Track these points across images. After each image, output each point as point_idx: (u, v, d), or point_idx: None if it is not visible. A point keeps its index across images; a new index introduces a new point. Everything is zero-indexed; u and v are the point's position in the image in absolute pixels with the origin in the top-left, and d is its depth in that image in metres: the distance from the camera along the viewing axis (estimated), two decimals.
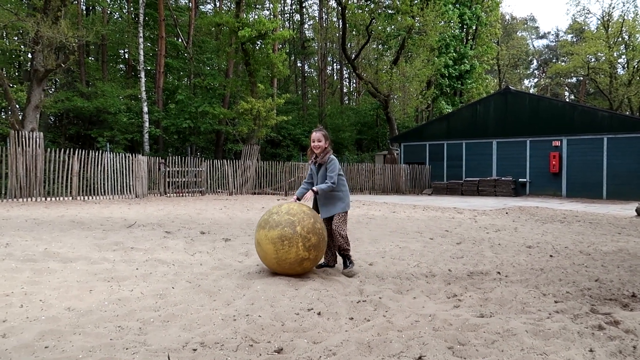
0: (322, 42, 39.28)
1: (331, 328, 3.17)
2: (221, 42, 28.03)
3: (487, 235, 7.85)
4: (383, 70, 28.38)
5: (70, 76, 27.61)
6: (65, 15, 16.55)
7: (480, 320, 3.26)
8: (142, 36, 24.49)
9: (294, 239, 4.28)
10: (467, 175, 22.43)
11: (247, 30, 21.27)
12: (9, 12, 16.38)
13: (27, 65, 26.53)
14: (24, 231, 7.10)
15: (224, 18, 23.16)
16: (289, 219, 4.35)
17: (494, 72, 46.86)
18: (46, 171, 14.85)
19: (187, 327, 3.13)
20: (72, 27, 16.64)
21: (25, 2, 24.34)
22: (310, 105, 39.72)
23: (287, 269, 4.43)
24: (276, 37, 23.44)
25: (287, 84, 39.44)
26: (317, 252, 4.46)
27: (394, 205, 14.17)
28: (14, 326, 3.01)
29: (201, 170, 18.75)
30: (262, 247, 4.43)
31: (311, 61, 44.65)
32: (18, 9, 18.70)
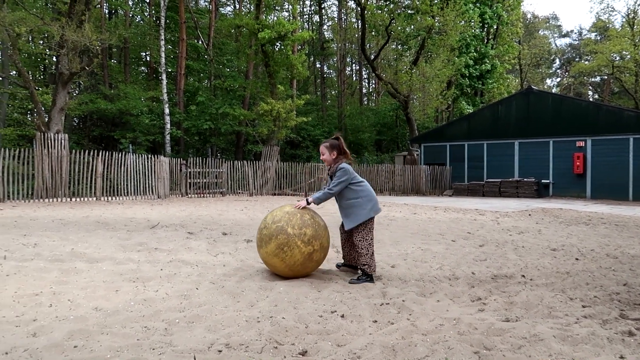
0: (341, 42, 39.26)
1: (355, 331, 3.17)
2: (241, 44, 28.23)
3: (510, 237, 7.74)
4: (403, 71, 28.24)
5: (94, 79, 28.13)
6: (89, 19, 16.86)
7: (506, 324, 3.22)
8: (164, 39, 24.82)
9: (290, 241, 4.26)
10: (488, 176, 22.16)
11: (267, 31, 21.38)
12: (35, 16, 16.76)
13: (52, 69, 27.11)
14: (51, 231, 7.25)
15: (244, 20, 23.33)
16: (277, 227, 4.32)
17: (516, 72, 46.20)
18: (71, 172, 15.16)
19: (211, 328, 3.15)
20: (95, 31, 16.96)
21: (50, 7, 24.89)
22: (329, 106, 39.73)
23: (302, 269, 4.43)
24: (295, 39, 23.51)
25: (307, 85, 39.52)
26: (320, 240, 4.41)
27: (415, 207, 14.07)
28: (43, 325, 3.08)
29: (222, 171, 18.90)
30: (269, 264, 4.48)
31: (330, 62, 44.65)
32: (44, 13, 19.13)
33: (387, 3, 29.42)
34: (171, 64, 29.09)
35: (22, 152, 14.29)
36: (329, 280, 4.52)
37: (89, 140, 26.80)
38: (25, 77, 17.04)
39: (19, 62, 16.87)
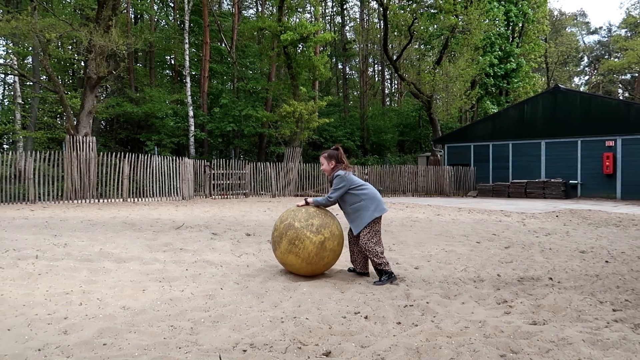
0: (363, 43, 39.16)
1: (379, 332, 3.16)
2: (264, 46, 28.44)
3: (536, 239, 7.60)
4: (425, 71, 28.00)
5: (120, 82, 28.72)
6: (115, 24, 17.22)
7: (533, 327, 3.16)
8: (188, 42, 25.19)
9: (299, 234, 4.34)
10: (514, 177, 21.80)
11: (289, 33, 21.49)
12: (64, 22, 17.20)
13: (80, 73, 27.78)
14: (80, 232, 7.42)
15: (267, 22, 23.50)
16: (285, 225, 4.44)
17: (542, 70, 45.33)
18: (99, 174, 15.50)
19: (236, 327, 3.19)
20: (122, 35, 17.31)
21: (78, 13, 25.53)
22: (351, 107, 39.67)
23: (319, 261, 4.44)
24: (318, 40, 23.57)
25: (329, 86, 39.55)
26: (329, 227, 4.46)
27: (438, 208, 13.94)
28: (74, 323, 3.16)
29: (244, 172, 19.06)
30: (287, 263, 4.53)
31: (352, 63, 44.58)
32: (72, 19, 19.62)
33: (409, 3, 29.22)
34: (195, 67, 29.49)
35: (52, 155, 14.68)
36: (352, 281, 4.52)
37: (115, 143, 27.36)
38: (55, 82, 17.51)
39: (49, 67, 17.33)
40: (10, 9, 20.74)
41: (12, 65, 20.95)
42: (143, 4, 31.19)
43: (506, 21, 30.81)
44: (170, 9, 34.23)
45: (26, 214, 10.57)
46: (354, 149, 32.76)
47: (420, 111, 34.64)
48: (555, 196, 19.64)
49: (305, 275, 4.63)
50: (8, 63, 21.99)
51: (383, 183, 21.65)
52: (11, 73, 21.71)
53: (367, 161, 29.24)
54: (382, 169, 21.87)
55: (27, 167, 14.17)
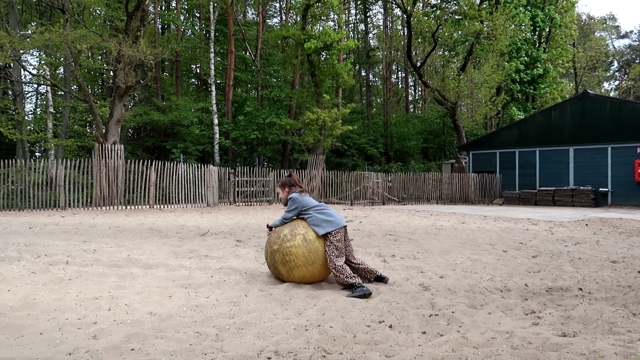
0: (386, 50, 39.13)
1: (403, 342, 3.13)
2: (287, 55, 28.69)
3: (565, 248, 7.43)
4: (450, 77, 27.78)
5: (148, 91, 29.33)
6: (143, 35, 17.63)
7: (563, 339, 3.09)
8: (213, 51, 25.59)
9: (283, 250, 4.57)
10: (541, 184, 21.37)
11: (313, 42, 21.63)
12: (94, 34, 17.70)
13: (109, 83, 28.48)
14: (109, 238, 7.58)
15: (291, 31, 23.72)
16: (270, 256, 4.72)
17: (570, 76, 44.47)
18: (126, 181, 15.83)
19: (261, 335, 3.20)
20: (149, 46, 17.71)
21: (108, 24, 26.22)
22: (375, 114, 39.61)
23: (318, 255, 4.53)
24: (341, 48, 23.67)
25: (352, 93, 39.60)
26: (299, 227, 4.64)
27: (463, 216, 13.76)
28: (103, 328, 3.22)
29: (268, 180, 19.19)
30: (300, 278, 4.61)
31: (376, 70, 44.56)
32: (102, 30, 20.17)
33: (433, 10, 29.12)
34: (220, 75, 29.92)
35: (82, 162, 15.06)
36: (376, 290, 4.50)
37: (142, 151, 27.92)
38: (85, 91, 18.00)
39: (79, 77, 17.83)
40: (43, 21, 21.46)
41: (45, 75, 21.63)
42: (170, 15, 31.87)
43: (532, 26, 30.37)
44: (196, 19, 34.87)
45: (57, 220, 10.86)
46: (377, 156, 32.65)
47: (444, 118, 34.34)
48: (585, 204, 19.17)
49: (323, 278, 4.73)
50: (41, 73, 22.70)
51: (407, 190, 21.50)
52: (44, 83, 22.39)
53: (390, 168, 29.10)
54: (405, 176, 21.73)
55: (58, 174, 14.57)
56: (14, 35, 16.76)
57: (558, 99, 31.60)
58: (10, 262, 5.37)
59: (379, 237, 8.41)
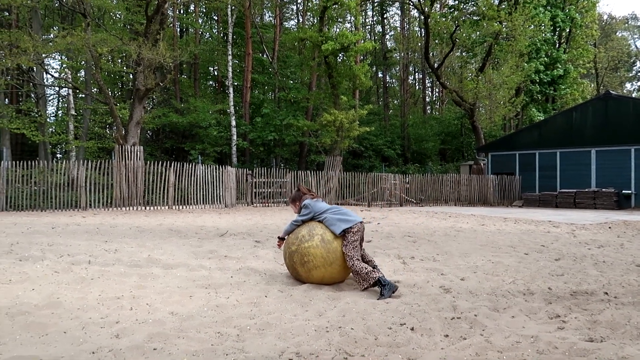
0: (404, 52, 38.94)
1: (426, 345, 3.09)
2: (305, 56, 28.75)
3: (588, 251, 7.28)
4: (468, 78, 27.53)
5: (167, 94, 29.65)
6: (163, 38, 17.83)
7: (590, 345, 3.02)
8: (231, 53, 25.77)
9: (301, 251, 4.55)
10: (562, 186, 21.04)
11: (330, 43, 21.64)
12: (115, 37, 17.96)
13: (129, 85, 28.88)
14: (129, 238, 7.67)
15: (308, 33, 23.76)
16: (288, 257, 4.71)
17: (591, 76, 43.70)
18: (145, 182, 16.01)
19: (282, 336, 3.19)
20: (168, 49, 17.91)
21: (128, 28, 26.60)
22: (392, 116, 39.43)
23: (337, 255, 4.51)
24: (358, 50, 23.63)
25: (369, 95, 39.48)
26: (316, 228, 4.63)
27: (482, 218, 13.60)
28: (125, 327, 3.24)
29: (286, 181, 19.23)
30: (320, 278, 4.59)
31: (393, 71, 44.38)
32: (122, 34, 20.46)
33: (451, 10, 28.89)
34: (237, 77, 30.10)
35: (102, 164, 15.27)
36: (397, 292, 4.45)
37: (161, 152, 28.22)
38: (106, 94, 18.26)
39: (100, 80, 18.10)
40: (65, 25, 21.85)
41: (66, 78, 22.01)
42: (188, 18, 32.19)
43: (552, 26, 29.94)
44: (214, 22, 35.17)
45: (78, 220, 11.02)
46: (394, 157, 32.50)
47: (462, 119, 34.03)
48: (607, 207, 18.80)
49: (343, 279, 4.72)
50: (63, 77, 23.12)
51: (424, 192, 21.34)
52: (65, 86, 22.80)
53: (408, 170, 28.94)
54: (423, 177, 21.58)
55: (79, 175, 14.80)
56: (37, 39, 17.10)
57: (579, 99, 31.09)
58: (35, 261, 5.46)
59: (397, 239, 8.35)
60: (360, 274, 4.41)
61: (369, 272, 4.37)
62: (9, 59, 15.97)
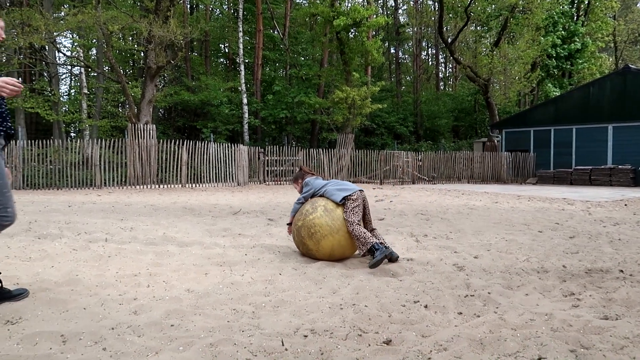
0: (417, 26, 38.28)
1: (439, 322, 3.11)
2: (316, 32, 28.41)
3: (604, 229, 7.22)
4: (482, 53, 27.02)
5: (178, 72, 29.60)
6: (173, 15, 17.71)
7: (605, 322, 3.01)
8: (241, 30, 25.53)
9: (307, 224, 4.68)
10: (577, 163, 20.77)
11: (342, 19, 21.31)
12: (126, 15, 17.87)
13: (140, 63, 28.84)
14: (144, 216, 7.76)
15: (319, 8, 23.40)
16: (296, 233, 4.85)
17: (610, 50, 42.65)
18: (159, 160, 16.12)
19: (296, 313, 3.23)
20: (179, 26, 17.79)
21: (138, 5, 26.43)
22: (404, 92, 39.02)
23: (343, 228, 4.63)
24: (371, 25, 23.25)
25: (381, 71, 39.03)
26: (317, 201, 4.82)
27: (496, 195, 13.52)
28: (143, 304, 3.30)
29: (297, 159, 19.23)
30: (330, 248, 4.66)
31: (405, 47, 43.71)
32: (133, 11, 20.35)
33: None
34: (248, 54, 29.90)
35: (115, 142, 15.38)
36: (410, 269, 4.47)
37: (173, 130, 28.33)
38: (118, 72, 18.27)
39: (112, 58, 18.09)
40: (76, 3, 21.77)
41: (78, 57, 22.04)
42: None
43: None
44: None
45: (94, 198, 11.17)
46: (406, 134, 32.27)
47: (476, 95, 33.57)
48: (623, 184, 18.56)
49: (352, 251, 4.83)
50: (75, 55, 23.14)
51: (437, 169, 21.22)
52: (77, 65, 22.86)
53: (420, 147, 28.75)
54: (436, 155, 21.43)
55: (93, 154, 14.95)
56: (49, 17, 17.08)
57: (597, 74, 30.41)
58: (53, 239, 5.57)
59: (410, 217, 8.35)
60: (360, 238, 4.56)
61: (368, 238, 4.54)
62: (22, 37, 16.01)
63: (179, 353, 2.52)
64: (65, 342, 2.64)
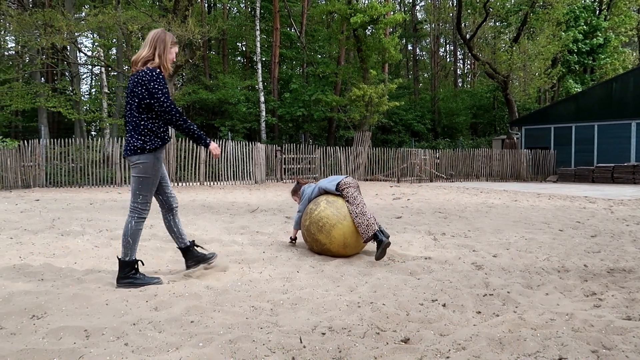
0: (434, 23, 37.95)
1: (458, 321, 3.09)
2: (333, 30, 28.34)
3: (627, 228, 7.08)
4: (502, 49, 26.68)
5: (196, 70, 29.84)
6: (191, 14, 17.86)
7: (628, 323, 2.96)
8: (259, 29, 25.63)
9: (315, 220, 4.80)
10: (599, 160, 20.39)
11: (359, 16, 21.25)
12: (145, 14, 18.08)
13: None
14: None
15: (336, 6, 23.35)
16: (306, 228, 4.96)
17: (634, 45, 41.69)
18: (177, 159, 16.30)
19: (314, 310, 3.25)
20: (197, 25, 17.94)
21: (157, 4, 26.71)
22: (422, 90, 38.75)
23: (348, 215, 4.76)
24: (388, 22, 23.12)
25: (399, 68, 38.82)
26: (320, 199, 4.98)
27: (515, 193, 13.36)
28: (163, 300, 3.36)
29: (314, 157, 19.25)
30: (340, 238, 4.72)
31: (423, 44, 43.37)
32: (152, 11, 20.57)
33: None
34: (265, 53, 29.98)
35: None
36: (428, 268, 4.46)
37: None
38: None
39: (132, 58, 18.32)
40: (96, 3, 22.10)
41: (99, 57, 22.38)
42: None
43: None
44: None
45: (114, 196, 11.35)
46: (424, 132, 32.06)
47: (495, 92, 33.17)
48: None
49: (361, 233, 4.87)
50: (95, 55, 23.51)
51: (455, 167, 21.05)
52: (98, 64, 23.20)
53: (438, 145, 28.53)
54: (454, 153, 21.25)
55: (113, 152, 15.17)
56: (70, 18, 17.38)
57: (619, 69, 29.78)
58: (75, 236, 5.68)
59: (428, 215, 8.30)
60: (366, 219, 4.71)
61: (372, 224, 4.69)
62: (44, 38, 16.32)
63: (199, 349, 2.56)
64: (89, 336, 2.70)
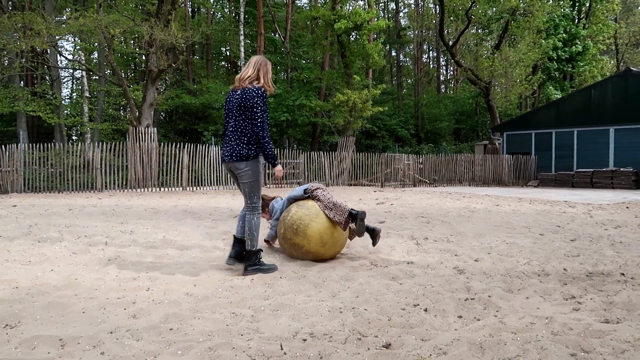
0: (418, 29, 38.32)
1: (439, 326, 3.09)
2: (317, 36, 28.46)
3: (605, 232, 7.20)
4: (484, 56, 27.03)
5: (179, 75, 29.66)
6: (175, 19, 17.75)
7: (606, 326, 2.99)
8: (243, 33, 25.58)
9: (291, 225, 4.82)
10: (578, 166, 20.74)
11: (343, 22, 21.36)
12: (127, 18, 17.92)
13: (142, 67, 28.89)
14: (145, 219, 7.76)
15: (320, 11, 23.45)
16: (282, 235, 4.98)
17: (611, 53, 42.63)
18: (160, 164, 16.14)
19: (295, 316, 3.22)
20: (180, 29, 17.83)
21: (139, 8, 26.50)
22: (405, 95, 39.05)
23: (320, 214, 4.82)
24: (372, 28, 23.28)
25: (382, 74, 39.07)
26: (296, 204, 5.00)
27: (497, 198, 13.50)
28: (142, 308, 3.30)
29: (299, 162, 19.23)
30: (317, 231, 4.73)
31: (406, 50, 43.75)
32: (134, 15, 20.40)
33: None
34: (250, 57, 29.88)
35: (116, 146, 15.40)
36: (410, 272, 4.46)
37: (174, 133, 28.36)
38: (119, 76, 18.30)
39: (113, 62, 18.13)
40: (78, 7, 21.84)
41: (80, 60, 22.10)
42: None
43: (572, 1, 29.16)
44: (225, 1, 34.85)
45: (94, 202, 11.18)
46: (408, 137, 32.27)
47: (477, 98, 33.59)
48: (625, 186, 18.52)
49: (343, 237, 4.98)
50: (76, 59, 23.21)
51: (438, 172, 21.21)
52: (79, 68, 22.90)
53: (421, 150, 28.75)
54: (437, 158, 21.42)
55: (94, 157, 14.96)
56: (50, 21, 17.13)
57: (598, 77, 30.40)
58: (53, 242, 5.56)
59: (411, 220, 8.33)
60: (338, 206, 4.81)
61: (344, 207, 4.78)
62: (23, 41, 16.06)
63: (178, 357, 2.52)
64: (64, 346, 2.64)
